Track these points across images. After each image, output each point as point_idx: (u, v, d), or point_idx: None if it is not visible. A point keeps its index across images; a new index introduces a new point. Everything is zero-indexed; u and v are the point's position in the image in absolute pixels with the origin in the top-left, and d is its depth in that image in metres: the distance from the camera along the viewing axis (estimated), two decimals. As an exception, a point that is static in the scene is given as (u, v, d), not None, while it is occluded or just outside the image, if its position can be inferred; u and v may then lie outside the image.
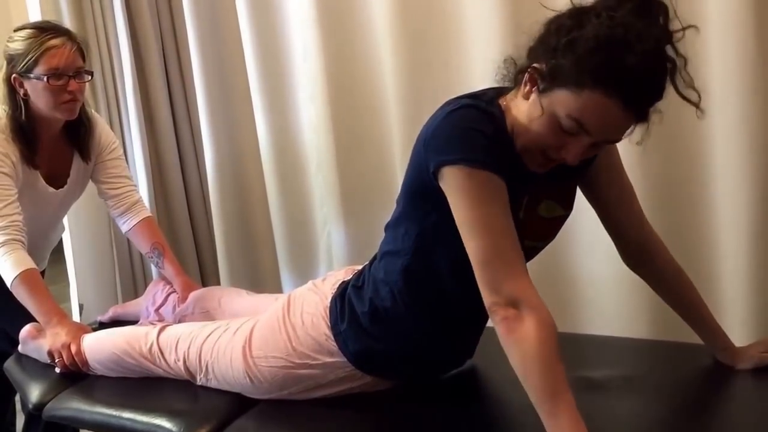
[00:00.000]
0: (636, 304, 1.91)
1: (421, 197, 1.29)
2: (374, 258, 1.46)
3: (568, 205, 1.38)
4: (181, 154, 2.80)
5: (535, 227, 1.33)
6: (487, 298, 1.19)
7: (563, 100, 1.14)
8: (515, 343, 1.16)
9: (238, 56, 2.50)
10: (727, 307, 1.83)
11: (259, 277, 2.67)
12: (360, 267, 1.51)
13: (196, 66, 2.57)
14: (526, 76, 1.20)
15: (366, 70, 2.27)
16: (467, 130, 1.20)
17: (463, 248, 1.20)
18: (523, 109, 1.22)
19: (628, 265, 1.50)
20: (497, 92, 1.29)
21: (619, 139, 1.20)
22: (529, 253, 1.33)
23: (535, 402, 1.15)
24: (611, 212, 1.45)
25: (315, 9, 2.24)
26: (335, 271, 1.58)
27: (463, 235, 1.20)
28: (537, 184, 1.30)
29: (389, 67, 2.17)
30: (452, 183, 1.20)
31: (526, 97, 1.21)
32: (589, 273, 2.01)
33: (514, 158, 1.24)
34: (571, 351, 1.48)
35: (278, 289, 2.58)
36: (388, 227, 1.42)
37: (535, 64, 1.18)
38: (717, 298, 1.82)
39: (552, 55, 1.15)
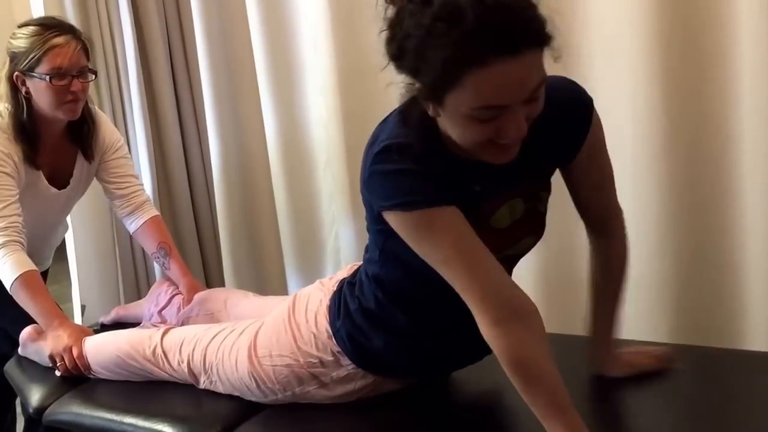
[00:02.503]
0: (657, 308, 1.87)
1: (377, 222, 1.25)
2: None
3: (536, 198, 1.32)
4: (186, 150, 2.78)
5: (513, 231, 1.29)
6: (480, 321, 1.15)
7: (458, 102, 1.05)
8: (519, 366, 1.15)
9: (245, 48, 2.47)
10: (752, 308, 1.78)
11: (265, 278, 2.64)
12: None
13: (202, 59, 2.53)
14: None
15: (377, 64, 2.22)
16: (393, 173, 1.14)
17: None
18: (446, 129, 1.14)
19: (588, 235, 1.45)
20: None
21: (537, 85, 1.06)
22: (518, 257, 1.35)
23: (542, 418, 1.14)
24: (585, 194, 1.38)
25: (326, 1, 2.20)
26: (343, 270, 1.56)
27: (443, 272, 1.17)
28: (499, 181, 1.23)
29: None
30: (397, 226, 1.18)
31: (436, 114, 1.12)
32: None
33: (460, 168, 1.18)
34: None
35: (284, 290, 2.55)
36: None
37: (416, 86, 1.11)
38: (741, 297, 1.78)
39: (415, 77, 1.09)
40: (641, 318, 1.88)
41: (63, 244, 2.44)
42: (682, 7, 1.75)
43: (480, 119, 1.06)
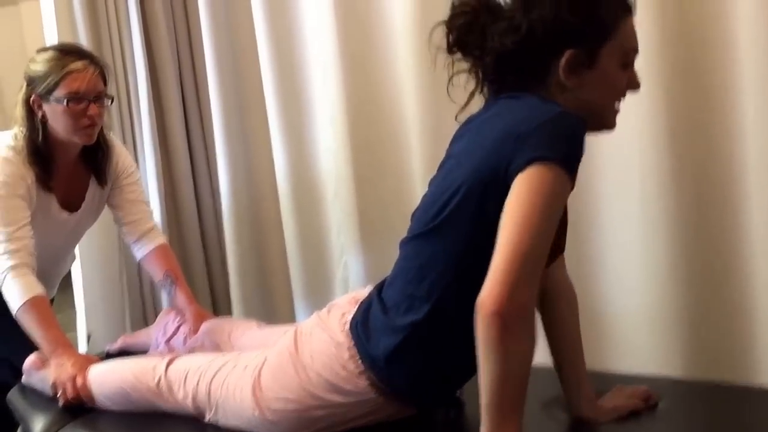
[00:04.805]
0: (670, 342, 1.86)
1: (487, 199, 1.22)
2: (383, 283, 1.41)
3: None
4: (196, 178, 2.78)
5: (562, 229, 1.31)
6: (493, 292, 1.11)
7: (615, 48, 1.25)
8: (504, 351, 1.11)
9: (255, 78, 2.48)
10: (764, 342, 1.77)
11: (273, 308, 2.63)
12: (364, 292, 1.45)
13: (212, 88, 2.54)
14: (563, 69, 1.24)
15: (387, 95, 2.24)
16: (574, 130, 1.20)
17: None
18: (582, 95, 1.26)
19: None
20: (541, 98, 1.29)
21: None
22: (556, 255, 1.37)
23: (489, 409, 1.12)
24: None
25: (335, 31, 2.22)
26: (338, 301, 1.52)
27: (510, 226, 1.13)
28: None
29: (410, 92, 2.14)
30: (529, 182, 1.15)
31: (577, 84, 1.26)
32: (619, 308, 1.96)
33: None
34: (601, 388, 1.46)
35: (292, 319, 2.53)
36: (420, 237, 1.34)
37: (566, 52, 1.23)
38: (752, 330, 1.77)
39: (576, 33, 1.23)
40: (656, 350, 1.87)
41: (68, 275, 2.43)
42: (687, 43, 1.76)
43: (625, 63, 1.28)
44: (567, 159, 1.16)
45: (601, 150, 1.89)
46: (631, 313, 1.94)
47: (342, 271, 2.42)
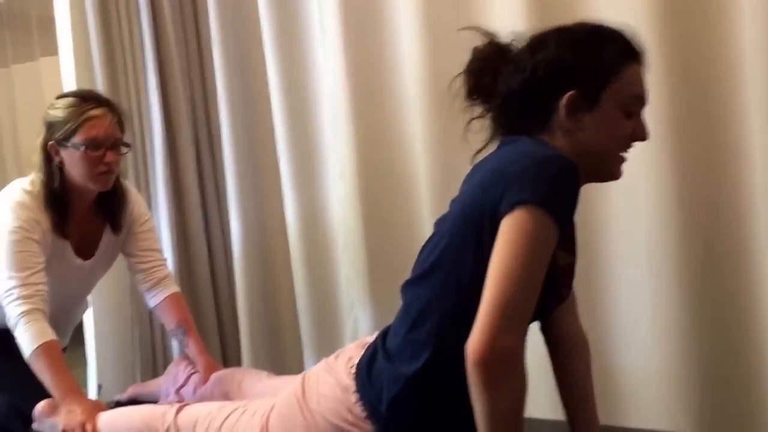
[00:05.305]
0: (681, 399, 1.83)
1: (478, 242, 1.23)
2: (388, 328, 1.40)
3: (573, 252, 1.36)
4: (208, 228, 2.79)
5: (561, 276, 1.32)
6: (475, 339, 1.14)
7: (617, 92, 1.25)
8: (490, 396, 1.15)
9: (268, 130, 2.51)
10: None
11: (283, 360, 2.61)
12: (372, 338, 1.44)
13: (226, 141, 2.58)
14: (563, 110, 1.25)
15: (397, 147, 2.26)
16: (562, 177, 1.19)
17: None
18: (584, 138, 1.27)
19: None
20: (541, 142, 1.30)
21: None
22: (560, 301, 1.36)
23: None
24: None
25: (347, 85, 2.25)
26: (346, 347, 1.52)
27: (501, 271, 1.15)
28: None
29: (420, 144, 2.16)
30: (514, 224, 1.16)
31: (577, 127, 1.27)
32: (630, 365, 1.94)
33: None
34: None
35: (301, 372, 2.49)
36: (418, 282, 1.34)
37: (567, 93, 1.24)
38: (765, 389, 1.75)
39: (577, 74, 1.25)
40: (667, 408, 1.86)
41: (80, 327, 2.41)
42: (693, 70, 1.78)
43: (628, 112, 1.27)
44: (551, 203, 1.16)
45: (611, 207, 1.90)
46: (642, 370, 1.92)
47: (352, 325, 2.41)
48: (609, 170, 1.32)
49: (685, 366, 1.84)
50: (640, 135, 1.30)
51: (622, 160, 1.32)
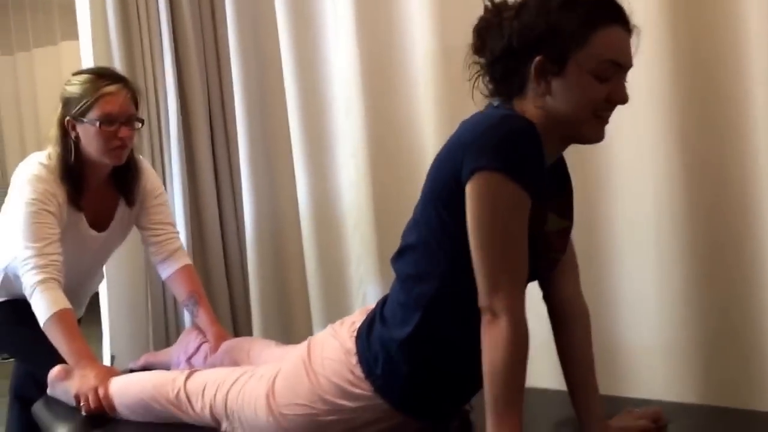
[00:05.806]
0: (685, 370, 1.85)
1: (448, 205, 1.29)
2: (385, 296, 1.45)
3: (567, 217, 1.40)
4: (221, 203, 2.82)
5: (552, 239, 1.36)
6: (482, 300, 1.24)
7: (586, 57, 1.23)
8: (489, 347, 1.23)
9: (281, 112, 2.54)
10: None
11: (292, 336, 2.63)
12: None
13: (240, 121, 2.61)
14: (533, 74, 1.26)
15: (408, 129, 2.28)
16: (520, 140, 1.23)
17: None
18: (553, 103, 1.27)
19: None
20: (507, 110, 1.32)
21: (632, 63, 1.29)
22: (553, 264, 1.40)
23: (489, 404, 1.23)
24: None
25: (359, 68, 2.27)
26: (352, 315, 1.56)
27: (475, 241, 1.23)
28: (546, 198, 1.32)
29: (431, 125, 2.18)
30: (477, 190, 1.22)
31: (545, 92, 1.27)
32: (634, 337, 1.95)
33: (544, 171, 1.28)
34: (613, 411, 1.46)
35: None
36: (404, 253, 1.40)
37: (535, 57, 1.25)
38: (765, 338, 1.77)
39: (543, 40, 1.24)
40: (671, 379, 1.87)
41: (94, 299, 2.46)
42: (701, 75, 1.79)
43: (601, 77, 1.25)
44: (506, 164, 1.20)
45: (616, 180, 1.92)
46: (645, 342, 1.93)
47: (361, 302, 2.44)
48: (583, 133, 1.30)
49: (688, 337, 1.85)
50: (617, 98, 1.27)
51: (601, 122, 1.30)
